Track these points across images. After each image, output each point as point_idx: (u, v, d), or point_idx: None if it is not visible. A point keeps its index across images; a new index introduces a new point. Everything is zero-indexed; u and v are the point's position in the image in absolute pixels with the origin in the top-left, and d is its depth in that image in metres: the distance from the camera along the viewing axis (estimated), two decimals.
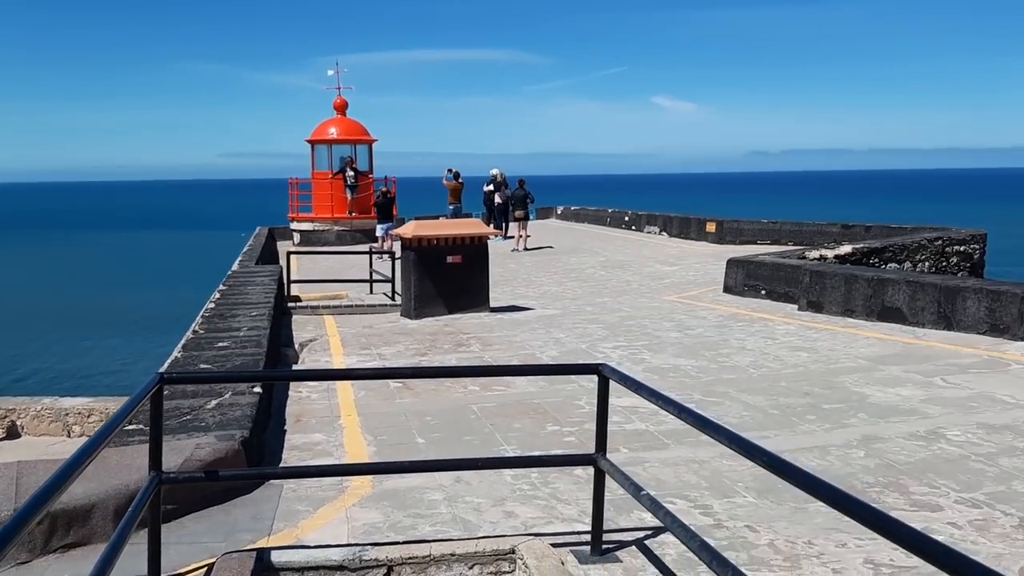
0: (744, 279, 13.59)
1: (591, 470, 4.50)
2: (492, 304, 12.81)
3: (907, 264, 15.46)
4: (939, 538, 4.36)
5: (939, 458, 5.73)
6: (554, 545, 4.31)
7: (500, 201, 25.50)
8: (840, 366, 8.57)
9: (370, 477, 5.41)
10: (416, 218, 23.11)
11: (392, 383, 8.02)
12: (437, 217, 24.69)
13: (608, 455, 4.39)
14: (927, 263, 15.74)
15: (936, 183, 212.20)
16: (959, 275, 15.15)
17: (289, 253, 17.29)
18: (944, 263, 15.96)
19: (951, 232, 16.75)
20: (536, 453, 5.91)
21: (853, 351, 9.25)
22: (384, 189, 24.06)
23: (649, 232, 27.26)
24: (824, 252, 14.66)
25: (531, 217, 26.03)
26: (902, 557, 4.12)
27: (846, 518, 2.54)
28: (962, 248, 16.24)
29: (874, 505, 4.70)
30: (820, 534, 4.54)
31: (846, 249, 14.85)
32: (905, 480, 5.35)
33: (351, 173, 26.53)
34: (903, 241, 15.93)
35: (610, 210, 31.53)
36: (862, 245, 15.48)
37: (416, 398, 7.65)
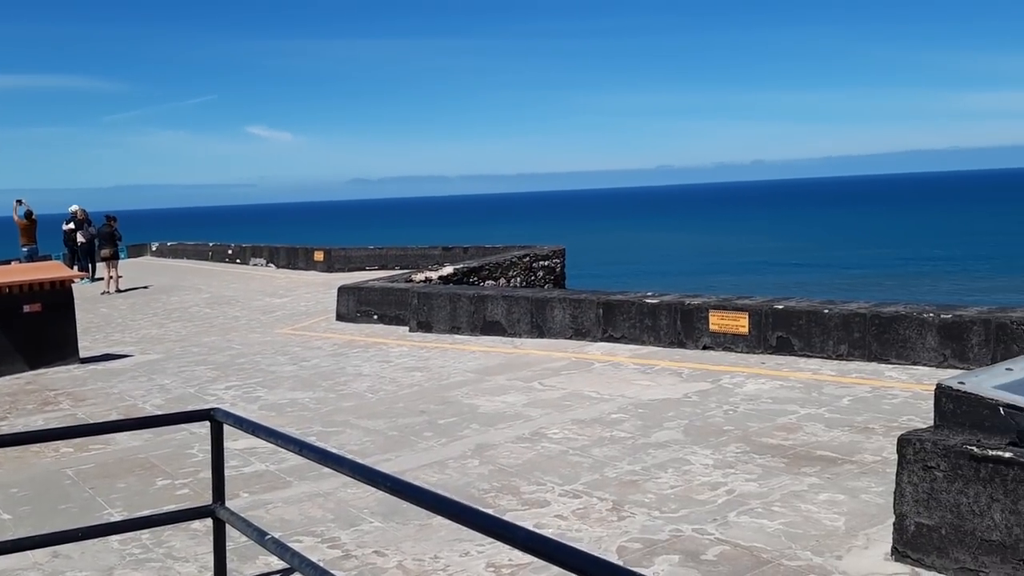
0: (356, 305, 13.77)
1: (210, 522, 4.22)
2: (83, 354, 11.66)
3: (502, 280, 16.74)
4: (548, 531, 4.76)
5: (543, 456, 6.24)
6: None
7: (84, 240, 23.35)
8: (452, 381, 9.00)
9: None
10: None
11: None
12: (9, 262, 21.94)
13: (228, 502, 4.16)
14: (519, 278, 17.17)
15: (518, 206, 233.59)
16: (546, 287, 16.75)
17: None
18: (533, 277, 17.53)
19: (536, 249, 18.45)
20: (146, 512, 5.42)
21: (462, 365, 9.77)
22: None
23: (256, 265, 26.58)
24: (429, 274, 15.35)
25: (121, 255, 24.15)
26: (519, 556, 4.40)
27: (467, 528, 2.63)
28: (546, 263, 17.96)
29: (490, 510, 4.98)
30: (445, 547, 4.70)
31: (448, 270, 15.70)
32: (516, 481, 5.75)
33: None
34: (497, 259, 17.22)
35: (211, 244, 30.25)
36: (462, 265, 16.47)
37: None
